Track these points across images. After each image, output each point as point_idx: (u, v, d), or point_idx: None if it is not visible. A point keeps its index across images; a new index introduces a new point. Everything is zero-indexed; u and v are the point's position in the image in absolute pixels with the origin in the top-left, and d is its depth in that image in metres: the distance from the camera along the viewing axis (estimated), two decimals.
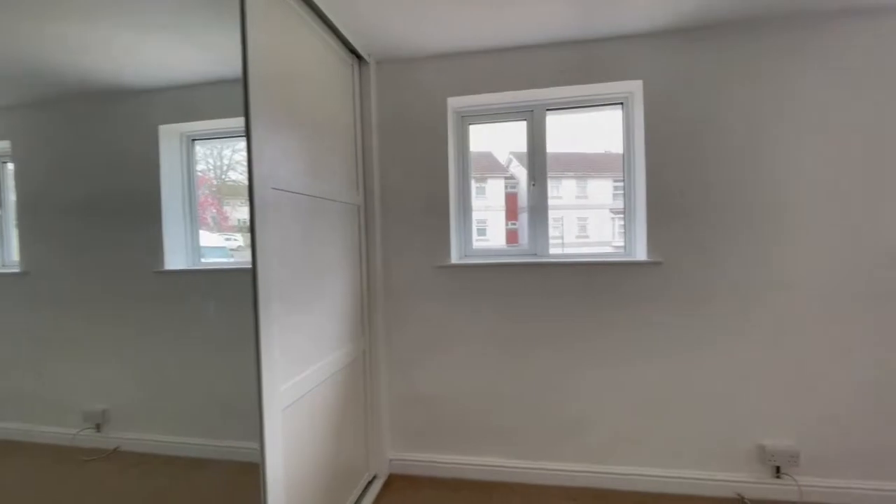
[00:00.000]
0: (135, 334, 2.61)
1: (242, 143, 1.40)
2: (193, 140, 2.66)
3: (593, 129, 2.55)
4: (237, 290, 2.46)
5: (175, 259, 2.62)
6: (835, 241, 2.03)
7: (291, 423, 1.58)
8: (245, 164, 1.38)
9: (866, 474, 2.05)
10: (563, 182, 2.68)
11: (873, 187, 1.99)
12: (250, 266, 1.40)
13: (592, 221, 2.92)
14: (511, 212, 3.31)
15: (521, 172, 2.95)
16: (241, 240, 2.82)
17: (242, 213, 2.74)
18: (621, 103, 2.37)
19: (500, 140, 2.68)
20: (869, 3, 1.91)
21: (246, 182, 1.38)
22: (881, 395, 2.02)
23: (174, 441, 2.59)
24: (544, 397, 2.31)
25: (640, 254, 2.26)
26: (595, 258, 2.36)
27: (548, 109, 2.44)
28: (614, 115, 2.41)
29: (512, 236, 3.20)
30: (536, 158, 2.46)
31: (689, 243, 2.15)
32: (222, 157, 2.92)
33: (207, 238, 2.78)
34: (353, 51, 2.17)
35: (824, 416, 2.07)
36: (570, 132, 2.51)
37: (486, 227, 2.80)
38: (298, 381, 1.63)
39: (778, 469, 2.09)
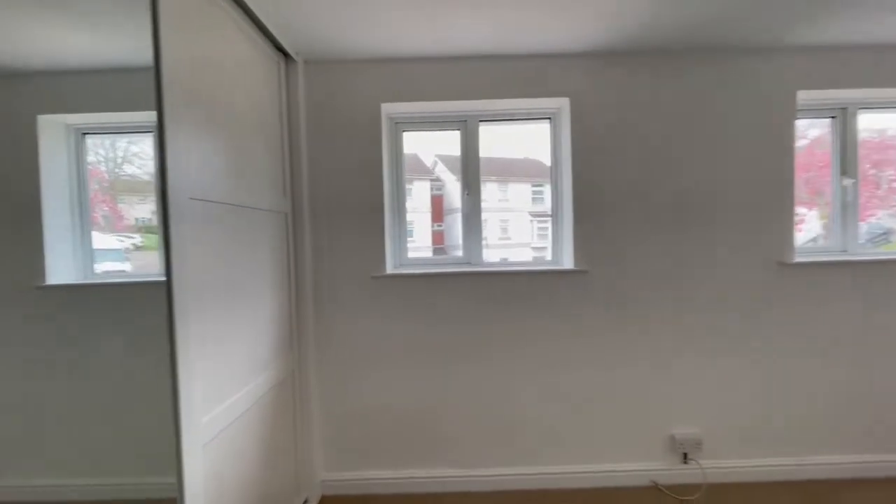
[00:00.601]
0: (15, 364, 2.19)
1: (140, 136, 1.23)
2: (84, 134, 2.30)
3: (516, 136, 2.63)
4: (145, 309, 2.18)
5: (61, 270, 2.24)
6: (732, 250, 2.30)
7: (214, 458, 1.42)
8: (144, 157, 1.22)
9: (755, 453, 2.35)
10: (486, 185, 2.72)
11: (767, 203, 2.30)
12: (162, 280, 1.23)
13: (513, 224, 3.00)
14: (437, 214, 3.32)
15: (446, 175, 2.95)
16: (138, 239, 2.48)
17: (141, 211, 2.42)
18: (549, 118, 2.48)
19: (425, 142, 2.65)
20: (763, 44, 2.20)
21: (146, 178, 1.22)
22: (768, 387, 2.33)
23: (72, 484, 2.22)
24: (479, 405, 2.34)
25: (568, 263, 2.38)
26: (526, 267, 2.44)
27: (481, 120, 2.47)
28: (542, 127, 2.52)
29: (438, 238, 3.20)
30: (470, 168, 2.48)
31: (611, 253, 2.31)
32: (115, 149, 2.56)
33: (100, 240, 2.41)
34: (279, 47, 2.02)
35: (723, 406, 2.34)
36: (496, 138, 2.56)
37: (413, 228, 2.77)
38: (222, 412, 1.47)
39: (685, 455, 2.33)
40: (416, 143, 2.60)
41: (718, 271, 2.31)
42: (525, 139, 2.64)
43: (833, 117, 2.46)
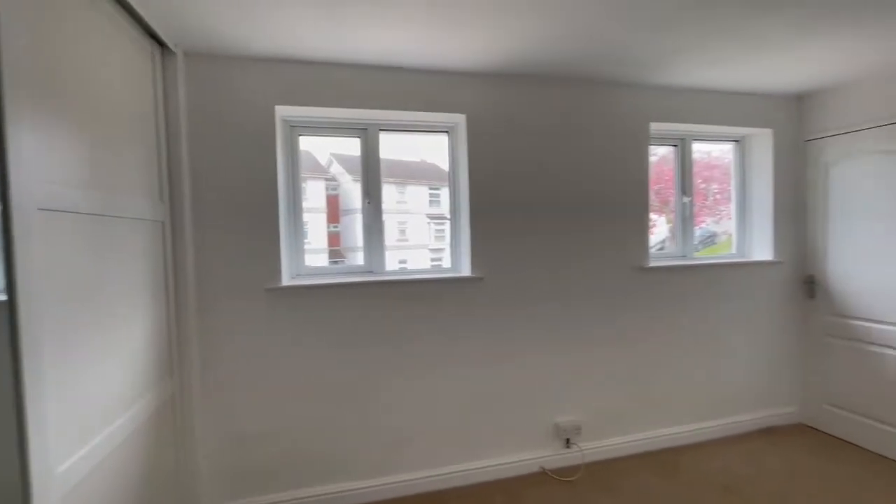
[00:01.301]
0: None
1: None
2: None
3: (413, 140, 2.68)
4: None
5: None
6: (602, 256, 2.64)
7: None
8: None
9: (622, 432, 2.72)
10: (384, 187, 2.69)
11: (627, 216, 2.67)
12: (2, 301, 1.03)
13: (411, 226, 3.04)
14: (333, 215, 3.24)
15: (343, 174, 2.89)
16: None
17: None
18: (447, 131, 2.59)
19: (320, 140, 2.57)
20: (624, 81, 2.56)
21: None
22: (632, 374, 2.72)
23: None
24: (378, 414, 2.34)
25: (465, 270, 2.50)
26: (427, 275, 2.51)
27: (381, 129, 2.48)
28: (440, 139, 2.60)
29: (334, 239, 3.13)
30: (370, 176, 2.48)
31: (504, 260, 2.49)
32: None
33: None
34: (153, 35, 1.80)
35: (597, 393, 2.67)
36: (395, 142, 2.58)
37: (308, 229, 2.67)
38: (86, 454, 1.27)
39: (568, 440, 2.60)
40: (310, 140, 2.50)
41: (591, 275, 2.63)
42: (421, 143, 2.69)
43: (675, 145, 2.97)
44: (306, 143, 2.46)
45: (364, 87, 2.26)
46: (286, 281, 2.26)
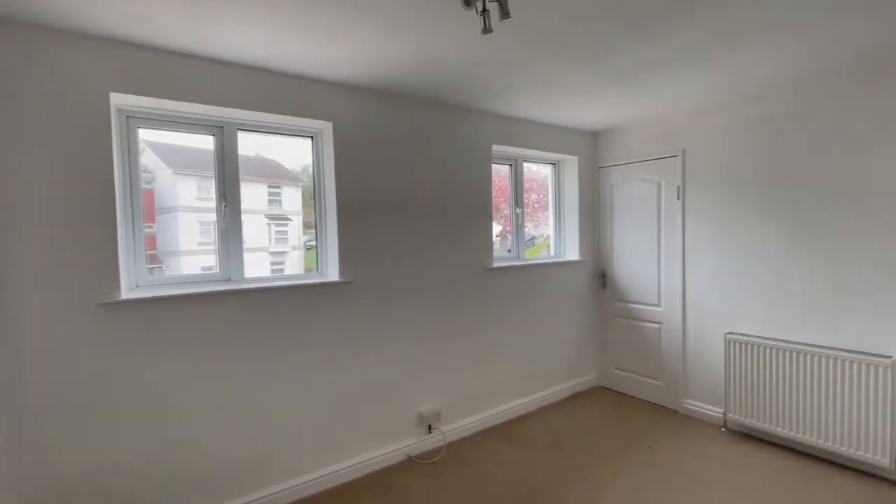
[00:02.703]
0: None
1: None
2: None
3: (252, 138, 2.49)
4: None
5: None
6: (456, 259, 2.99)
7: None
8: None
9: (473, 411, 3.12)
10: (212, 182, 2.46)
11: (475, 223, 3.08)
12: None
13: (247, 226, 2.88)
14: (147, 213, 2.90)
15: (161, 167, 2.55)
16: None
17: None
18: (312, 137, 2.60)
19: (165, 135, 2.31)
20: (473, 107, 2.95)
21: None
22: (479, 360, 3.14)
23: None
24: (236, 429, 2.22)
25: (333, 275, 2.55)
26: (293, 281, 2.48)
27: (239, 129, 2.36)
28: (299, 140, 2.59)
29: (149, 242, 2.82)
30: (228, 177, 2.33)
31: (372, 264, 2.62)
32: None
33: None
34: None
35: (453, 380, 3.00)
36: (243, 140, 2.39)
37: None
38: None
39: (430, 427, 2.87)
40: (154, 135, 2.23)
41: (447, 275, 2.96)
42: (261, 140, 2.53)
43: (510, 164, 3.54)
44: (149, 137, 2.18)
45: (223, 85, 2.14)
46: (126, 294, 1.98)
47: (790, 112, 2.71)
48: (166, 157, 2.54)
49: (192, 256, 2.53)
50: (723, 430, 3.04)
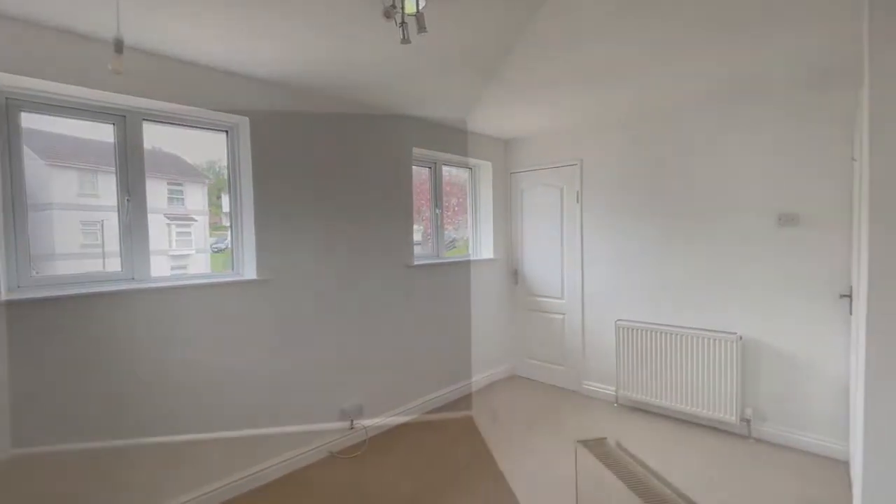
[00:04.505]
0: None
1: None
2: None
3: (164, 132, 2.36)
4: None
5: None
6: (381, 257, 3.07)
7: None
8: None
9: (394, 405, 3.21)
10: (99, 177, 2.27)
11: (397, 223, 3.18)
12: None
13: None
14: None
15: (29, 156, 2.27)
16: None
17: None
18: (226, 131, 2.52)
19: (56, 121, 2.08)
20: (393, 112, 3.05)
21: None
22: (401, 354, 3.24)
23: None
24: (147, 437, 2.11)
25: (251, 273, 2.50)
26: (207, 279, 2.38)
27: (145, 119, 2.23)
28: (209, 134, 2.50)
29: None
30: (132, 169, 2.19)
31: (291, 262, 2.61)
32: None
33: None
34: None
35: (374, 375, 3.07)
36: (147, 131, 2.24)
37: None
38: None
39: (352, 422, 2.91)
40: (40, 120, 2.01)
41: (368, 272, 3.03)
42: (161, 131, 2.36)
43: (430, 167, 3.69)
44: (34, 123, 1.98)
45: (127, 71, 2.00)
46: (4, 295, 1.78)
47: (669, 130, 3.20)
48: (38, 147, 2.24)
49: (73, 260, 2.26)
50: (615, 405, 3.47)
